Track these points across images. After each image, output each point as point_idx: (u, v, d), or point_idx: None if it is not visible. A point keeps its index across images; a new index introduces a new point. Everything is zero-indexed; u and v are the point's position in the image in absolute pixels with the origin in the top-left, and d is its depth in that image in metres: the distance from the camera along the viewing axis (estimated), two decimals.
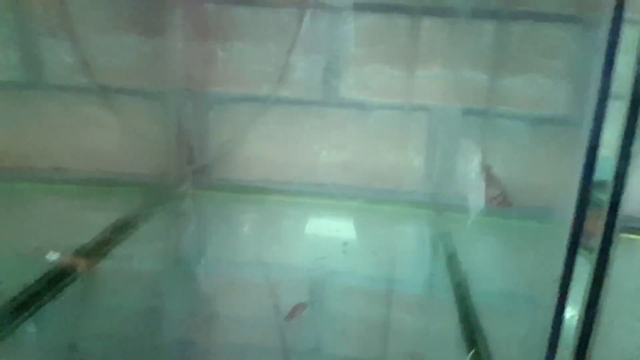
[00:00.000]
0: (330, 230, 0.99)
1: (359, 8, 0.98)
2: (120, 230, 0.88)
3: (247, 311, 0.73)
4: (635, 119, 0.36)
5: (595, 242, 0.39)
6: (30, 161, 1.01)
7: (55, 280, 0.72)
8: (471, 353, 0.63)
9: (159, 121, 1.04)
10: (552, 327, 0.43)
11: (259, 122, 1.05)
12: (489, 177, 0.89)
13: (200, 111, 1.05)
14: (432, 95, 1.02)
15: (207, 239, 0.99)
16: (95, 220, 0.91)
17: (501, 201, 0.88)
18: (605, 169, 0.39)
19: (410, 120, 1.04)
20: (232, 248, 0.92)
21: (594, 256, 0.39)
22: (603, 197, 0.38)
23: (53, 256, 0.75)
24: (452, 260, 0.89)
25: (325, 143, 1.07)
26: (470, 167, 1.04)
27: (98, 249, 0.81)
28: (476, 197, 0.89)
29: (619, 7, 0.38)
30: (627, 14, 0.38)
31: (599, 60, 0.40)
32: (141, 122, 1.02)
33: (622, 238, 0.39)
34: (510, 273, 0.75)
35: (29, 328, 0.64)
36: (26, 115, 1.00)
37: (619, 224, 0.38)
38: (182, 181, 1.04)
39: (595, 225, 0.39)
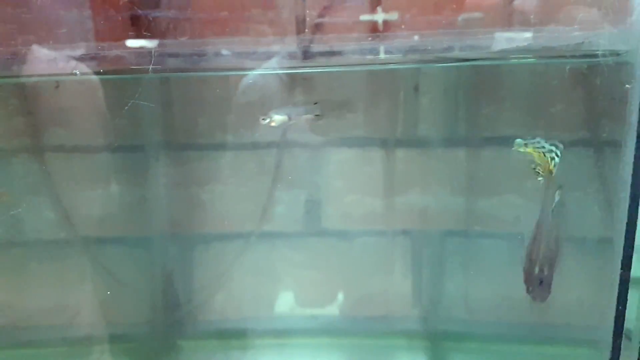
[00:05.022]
0: None
1: (335, 144, 1.02)
2: None
3: None
4: None
5: None
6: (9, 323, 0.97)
7: None
8: None
9: (143, 268, 1.03)
10: None
11: (243, 259, 1.04)
12: None
13: (185, 254, 1.04)
14: (412, 221, 1.05)
15: None
16: None
17: None
18: None
19: (393, 246, 1.06)
20: None
21: None
22: None
23: None
24: None
25: (310, 274, 1.07)
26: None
27: None
28: None
29: None
30: None
31: None
32: (124, 271, 1.00)
33: None
34: None
35: None
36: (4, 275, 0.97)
37: None
38: (169, 330, 1.01)
39: None
